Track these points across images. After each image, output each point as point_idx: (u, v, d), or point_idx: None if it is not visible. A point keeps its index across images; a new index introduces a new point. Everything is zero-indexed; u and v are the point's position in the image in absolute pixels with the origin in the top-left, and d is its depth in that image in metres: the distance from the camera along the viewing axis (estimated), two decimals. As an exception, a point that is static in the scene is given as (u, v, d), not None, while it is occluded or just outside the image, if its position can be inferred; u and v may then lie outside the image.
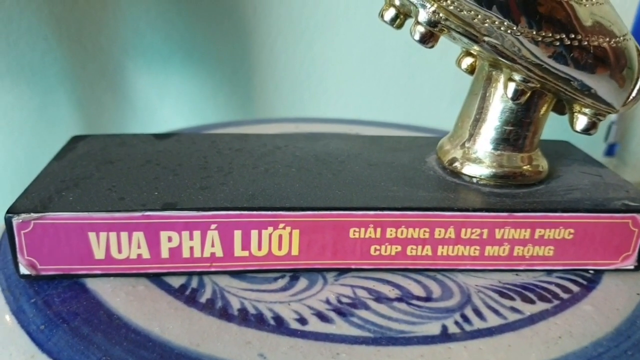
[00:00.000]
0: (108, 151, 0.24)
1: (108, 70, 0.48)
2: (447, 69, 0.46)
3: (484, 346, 0.18)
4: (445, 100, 0.49)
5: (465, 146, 0.23)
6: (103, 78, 0.48)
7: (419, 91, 0.49)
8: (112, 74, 0.48)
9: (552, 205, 0.21)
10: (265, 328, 0.19)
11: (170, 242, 0.20)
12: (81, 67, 0.47)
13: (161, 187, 0.21)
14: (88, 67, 0.47)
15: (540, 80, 0.21)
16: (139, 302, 0.20)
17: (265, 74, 0.49)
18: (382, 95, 0.50)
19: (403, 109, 0.49)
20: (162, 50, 0.48)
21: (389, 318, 0.19)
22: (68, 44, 0.46)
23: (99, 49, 0.47)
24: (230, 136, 0.27)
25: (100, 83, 0.48)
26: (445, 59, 0.46)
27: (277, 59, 0.49)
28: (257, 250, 0.21)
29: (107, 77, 0.48)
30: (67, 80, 0.47)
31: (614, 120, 0.48)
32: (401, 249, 0.21)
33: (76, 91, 0.47)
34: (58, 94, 0.46)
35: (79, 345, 0.18)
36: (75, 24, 0.45)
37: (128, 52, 0.48)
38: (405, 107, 0.49)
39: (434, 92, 0.49)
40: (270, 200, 0.21)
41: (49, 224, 0.19)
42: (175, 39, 0.48)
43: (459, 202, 0.21)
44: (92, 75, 0.48)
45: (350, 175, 0.23)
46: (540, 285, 0.22)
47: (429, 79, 0.49)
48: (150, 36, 0.48)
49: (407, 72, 0.49)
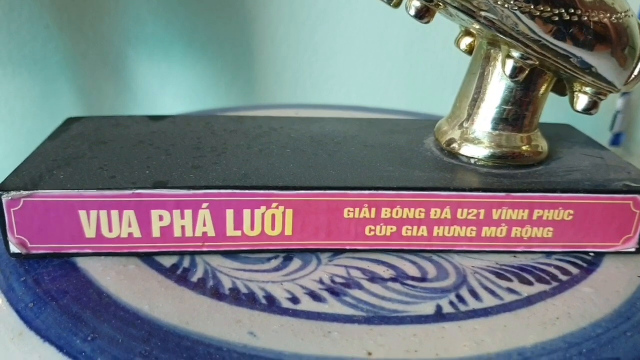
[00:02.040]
0: (102, 132, 0.24)
1: (110, 59, 0.48)
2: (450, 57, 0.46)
3: (479, 326, 0.18)
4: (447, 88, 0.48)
5: (464, 127, 0.23)
6: (105, 66, 0.48)
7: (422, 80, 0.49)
8: (113, 63, 0.48)
9: (552, 185, 0.21)
10: (257, 307, 0.18)
11: (162, 221, 0.20)
12: (83, 56, 0.47)
13: (153, 167, 0.21)
14: (89, 56, 0.47)
15: (540, 58, 0.20)
16: (130, 281, 0.19)
17: (267, 62, 0.49)
18: (384, 84, 0.49)
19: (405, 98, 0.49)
20: (164, 38, 0.48)
21: (382, 298, 0.19)
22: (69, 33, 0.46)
23: (101, 37, 0.47)
24: (225, 118, 0.26)
25: (102, 71, 0.48)
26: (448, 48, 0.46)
27: (279, 47, 0.48)
28: (250, 230, 0.20)
29: (109, 65, 0.48)
30: (69, 69, 0.46)
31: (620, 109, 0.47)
32: (396, 230, 0.21)
33: (78, 80, 0.47)
34: (60, 83, 0.46)
35: (67, 323, 0.17)
36: (76, 12, 0.45)
37: (130, 40, 0.48)
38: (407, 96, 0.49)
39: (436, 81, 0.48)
40: (264, 180, 0.20)
41: (39, 202, 0.19)
42: (177, 27, 0.48)
43: (456, 182, 0.21)
44: (93, 64, 0.47)
45: (346, 156, 0.23)
46: (539, 267, 0.21)
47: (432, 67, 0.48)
48: (152, 24, 0.47)
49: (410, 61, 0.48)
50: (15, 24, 0.43)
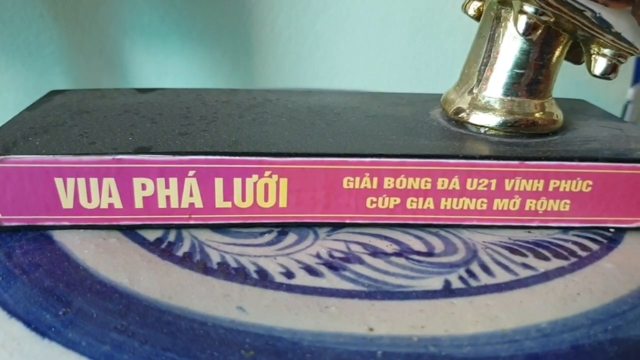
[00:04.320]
0: (85, 102, 0.23)
1: (105, 50, 0.47)
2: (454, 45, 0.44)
3: (492, 302, 0.16)
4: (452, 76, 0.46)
5: (473, 92, 0.21)
6: (100, 57, 0.47)
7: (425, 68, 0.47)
8: (109, 53, 0.47)
9: (568, 154, 0.19)
10: (247, 282, 0.17)
11: (145, 191, 0.18)
12: (78, 46, 0.46)
13: (137, 134, 0.19)
14: (85, 46, 0.46)
15: (555, 12, 0.19)
16: (109, 255, 0.18)
17: (266, 52, 0.48)
18: (387, 73, 0.48)
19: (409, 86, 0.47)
20: (161, 28, 0.47)
21: (385, 272, 0.17)
22: (64, 22, 0.44)
23: (96, 27, 0.46)
24: (217, 90, 0.25)
25: (97, 62, 0.47)
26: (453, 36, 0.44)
27: (279, 36, 0.47)
28: (241, 201, 0.19)
29: (104, 56, 0.47)
30: (64, 60, 0.45)
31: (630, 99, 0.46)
32: (400, 202, 0.19)
33: (73, 71, 0.46)
34: (54, 74, 0.45)
35: (38, 297, 0.16)
36: (72, 2, 0.44)
37: (126, 30, 0.46)
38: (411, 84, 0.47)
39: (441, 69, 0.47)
40: (256, 146, 0.19)
41: (11, 168, 0.18)
42: (174, 17, 0.46)
43: (465, 149, 0.19)
44: (88, 55, 0.46)
45: (346, 126, 0.21)
46: (556, 243, 0.19)
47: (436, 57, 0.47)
48: (149, 14, 0.46)
49: (414, 50, 0.46)
50: (8, 12, 0.42)
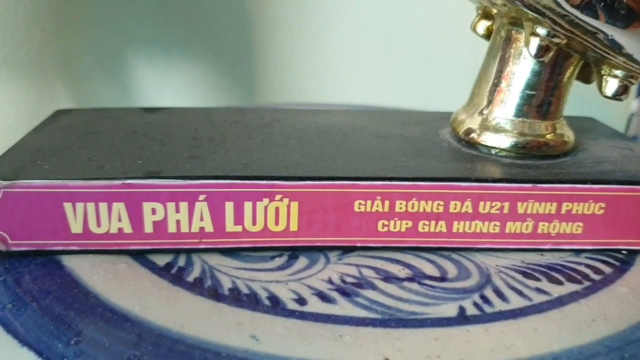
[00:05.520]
0: (92, 123, 0.22)
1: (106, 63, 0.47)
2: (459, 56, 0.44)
3: (507, 329, 0.16)
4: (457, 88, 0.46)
5: (483, 113, 0.21)
6: (101, 71, 0.47)
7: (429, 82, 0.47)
8: (110, 66, 0.47)
9: (581, 176, 0.19)
10: (259, 308, 0.17)
11: (155, 215, 0.18)
12: (79, 59, 0.45)
13: (145, 157, 0.19)
14: (86, 59, 0.46)
15: (567, 35, 0.19)
16: (119, 281, 0.17)
17: (269, 65, 0.48)
18: (391, 86, 0.48)
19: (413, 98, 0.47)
20: (162, 40, 0.47)
21: (398, 299, 0.17)
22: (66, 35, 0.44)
23: (98, 40, 0.46)
24: (225, 109, 0.25)
25: (99, 75, 0.47)
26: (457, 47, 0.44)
27: (281, 49, 0.47)
28: (252, 225, 0.19)
29: (106, 69, 0.47)
30: (65, 72, 0.45)
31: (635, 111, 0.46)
32: (412, 225, 0.19)
33: (74, 84, 0.46)
34: (56, 86, 0.45)
35: (49, 325, 0.16)
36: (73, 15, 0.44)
37: (127, 42, 0.46)
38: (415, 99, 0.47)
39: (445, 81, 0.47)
40: (266, 170, 0.19)
41: (20, 193, 0.17)
42: (176, 29, 0.46)
43: (477, 172, 0.19)
44: (90, 67, 0.46)
45: (355, 147, 0.21)
46: (568, 266, 0.19)
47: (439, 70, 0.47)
48: (150, 28, 0.46)
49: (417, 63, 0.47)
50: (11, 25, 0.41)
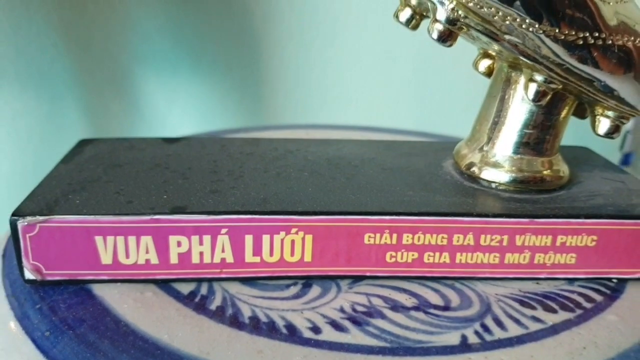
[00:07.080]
0: (116, 154, 0.24)
1: (116, 77, 0.48)
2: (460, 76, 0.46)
3: (505, 357, 0.18)
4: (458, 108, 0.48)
5: (484, 150, 0.23)
6: (111, 85, 0.48)
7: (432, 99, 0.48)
8: (120, 81, 0.48)
9: (575, 211, 0.21)
10: (278, 337, 0.18)
11: (180, 247, 0.19)
12: (89, 74, 0.47)
13: (170, 191, 0.21)
14: (96, 74, 0.47)
15: (563, 81, 0.20)
16: (147, 309, 0.19)
17: (275, 81, 0.49)
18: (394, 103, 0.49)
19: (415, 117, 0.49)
20: (171, 56, 0.48)
21: (406, 327, 0.19)
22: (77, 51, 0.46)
23: (108, 56, 0.47)
24: (240, 140, 0.26)
25: (109, 90, 0.48)
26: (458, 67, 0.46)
27: (287, 66, 0.48)
28: (269, 256, 0.20)
29: (115, 83, 0.48)
30: (76, 87, 0.46)
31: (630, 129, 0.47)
32: (418, 256, 0.20)
33: (84, 98, 0.47)
34: (66, 101, 0.46)
35: (85, 353, 0.17)
36: (84, 31, 0.45)
37: (136, 58, 0.47)
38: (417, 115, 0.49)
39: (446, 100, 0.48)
40: (283, 204, 0.20)
41: (54, 227, 0.19)
42: (184, 46, 0.48)
43: (478, 207, 0.21)
44: (100, 82, 0.47)
45: (365, 180, 0.22)
46: (562, 294, 0.21)
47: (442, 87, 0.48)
48: (159, 43, 0.47)
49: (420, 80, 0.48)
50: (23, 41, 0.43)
